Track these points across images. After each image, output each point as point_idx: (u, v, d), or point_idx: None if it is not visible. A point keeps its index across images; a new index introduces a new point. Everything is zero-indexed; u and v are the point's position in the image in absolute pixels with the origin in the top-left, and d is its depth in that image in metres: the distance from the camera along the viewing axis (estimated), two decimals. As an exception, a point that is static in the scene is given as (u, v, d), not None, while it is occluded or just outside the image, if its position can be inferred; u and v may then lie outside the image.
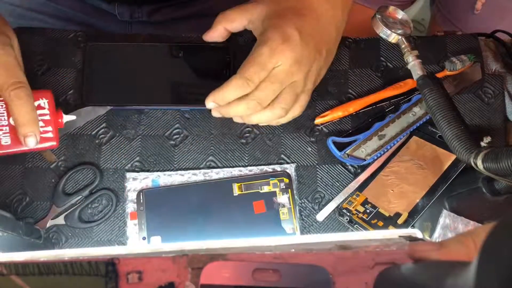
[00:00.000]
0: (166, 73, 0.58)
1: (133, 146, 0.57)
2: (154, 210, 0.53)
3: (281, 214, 0.54)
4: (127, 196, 0.54)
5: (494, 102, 0.58)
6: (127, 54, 0.58)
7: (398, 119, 0.56)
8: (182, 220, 0.53)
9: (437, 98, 0.48)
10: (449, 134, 0.46)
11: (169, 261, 0.26)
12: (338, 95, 0.59)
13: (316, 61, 0.51)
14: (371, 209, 0.53)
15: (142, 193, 0.54)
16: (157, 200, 0.54)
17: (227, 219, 0.53)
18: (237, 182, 0.55)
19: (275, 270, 0.26)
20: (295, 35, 0.48)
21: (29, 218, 0.54)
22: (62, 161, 0.56)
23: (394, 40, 0.52)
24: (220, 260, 0.26)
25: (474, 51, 0.59)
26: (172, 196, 0.54)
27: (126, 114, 0.57)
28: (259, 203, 0.54)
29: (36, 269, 0.25)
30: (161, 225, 0.53)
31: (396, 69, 0.60)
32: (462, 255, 0.24)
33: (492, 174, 0.42)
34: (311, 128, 0.58)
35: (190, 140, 0.57)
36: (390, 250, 0.26)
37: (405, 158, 0.55)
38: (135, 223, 0.53)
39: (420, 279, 0.24)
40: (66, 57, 0.59)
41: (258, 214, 0.53)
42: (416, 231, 0.27)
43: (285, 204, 0.54)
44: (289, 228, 0.53)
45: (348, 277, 0.26)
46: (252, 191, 0.54)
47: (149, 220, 0.53)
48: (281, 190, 0.54)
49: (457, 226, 0.50)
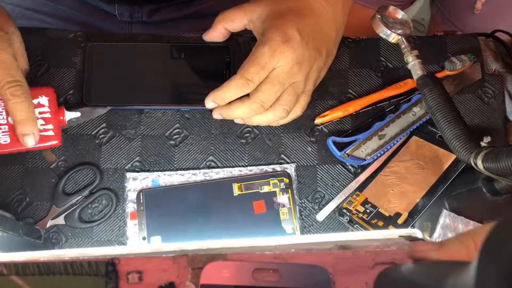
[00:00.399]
0: (166, 73, 0.58)
1: (133, 146, 0.57)
2: (154, 210, 0.53)
3: (281, 214, 0.54)
4: (127, 196, 0.54)
5: (494, 102, 0.58)
6: (127, 54, 0.58)
7: (398, 119, 0.56)
8: (182, 220, 0.53)
9: (437, 98, 0.48)
10: (449, 134, 0.46)
11: (169, 261, 0.26)
12: (338, 95, 0.59)
13: (317, 61, 0.51)
14: (371, 209, 0.53)
15: (142, 193, 0.54)
16: (157, 200, 0.54)
17: (227, 219, 0.53)
18: (237, 182, 0.54)
19: (275, 270, 0.26)
20: (295, 36, 0.48)
21: (29, 218, 0.54)
22: (62, 161, 0.56)
23: (394, 40, 0.52)
24: (220, 260, 0.26)
25: (474, 51, 0.59)
26: (172, 196, 0.54)
27: (126, 114, 0.57)
28: (259, 203, 0.54)
29: (36, 269, 0.25)
30: (161, 225, 0.53)
31: (396, 69, 0.60)
32: (462, 255, 0.24)
33: (492, 174, 0.42)
34: (311, 128, 0.58)
35: (190, 140, 0.57)
36: (390, 250, 0.26)
37: (405, 158, 0.55)
38: (135, 223, 0.53)
39: (420, 279, 0.24)
40: (66, 57, 0.59)
41: (258, 214, 0.53)
42: (416, 231, 0.27)
43: (285, 204, 0.54)
44: (289, 228, 0.53)
45: (348, 277, 0.26)
46: (252, 191, 0.54)
47: (149, 220, 0.53)
48: (281, 190, 0.54)
49: (457, 226, 0.50)
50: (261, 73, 0.48)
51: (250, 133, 0.57)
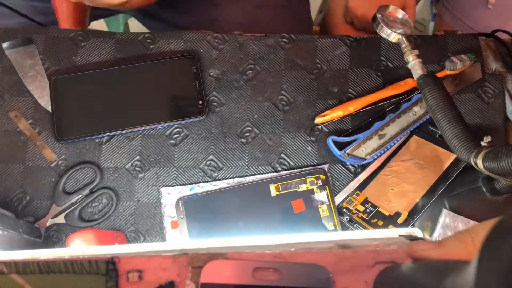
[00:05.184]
0: (137, 94, 0.57)
1: (133, 145, 0.57)
2: (194, 217, 0.53)
3: (321, 212, 0.53)
4: (164, 212, 0.54)
5: (494, 101, 0.58)
6: (92, 82, 0.57)
7: (398, 118, 0.56)
8: (223, 225, 0.53)
9: (437, 98, 0.48)
10: (449, 134, 0.46)
11: (170, 260, 0.26)
12: (338, 94, 0.59)
13: None
14: (371, 208, 0.53)
15: (181, 201, 0.54)
16: (196, 206, 0.53)
17: (268, 220, 0.53)
18: (274, 182, 0.54)
19: (275, 269, 0.26)
20: None
21: (29, 217, 0.54)
22: (62, 160, 0.56)
23: (395, 39, 0.52)
24: (220, 259, 0.26)
25: (474, 50, 0.59)
26: (210, 201, 0.54)
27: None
28: (298, 202, 0.53)
29: (37, 267, 0.25)
30: (203, 231, 0.53)
31: (396, 69, 0.60)
32: (461, 253, 0.24)
33: (492, 173, 0.42)
34: (311, 127, 0.58)
35: (190, 140, 0.57)
36: (390, 249, 0.26)
37: (405, 157, 0.55)
38: (176, 232, 0.53)
39: (420, 278, 0.24)
40: (66, 57, 0.59)
41: (298, 213, 0.53)
42: (416, 230, 0.27)
43: (324, 201, 0.54)
44: (330, 224, 0.53)
45: (348, 276, 0.26)
46: (290, 191, 0.54)
47: (190, 227, 0.53)
48: (318, 188, 0.54)
49: (457, 225, 0.50)
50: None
51: (250, 132, 0.57)
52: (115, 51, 0.60)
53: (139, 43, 0.60)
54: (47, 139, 0.56)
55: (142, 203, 0.55)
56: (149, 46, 0.60)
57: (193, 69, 0.57)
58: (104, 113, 0.56)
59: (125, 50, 0.60)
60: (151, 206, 0.55)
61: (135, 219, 0.55)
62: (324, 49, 0.60)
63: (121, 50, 0.60)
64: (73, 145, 0.56)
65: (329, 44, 0.61)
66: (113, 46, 0.60)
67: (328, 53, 0.60)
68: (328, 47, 0.60)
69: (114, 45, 0.60)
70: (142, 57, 0.59)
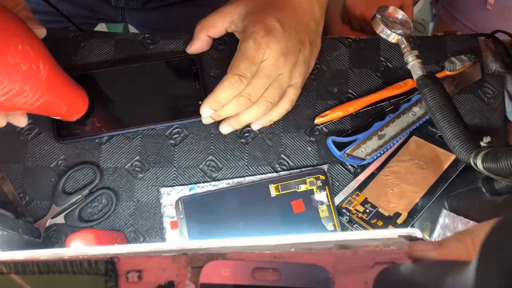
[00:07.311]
0: (137, 94, 0.57)
1: (133, 145, 0.57)
2: (194, 217, 0.53)
3: (321, 212, 0.53)
4: (164, 212, 0.54)
5: (493, 102, 0.58)
6: (92, 82, 0.57)
7: (398, 119, 0.56)
8: (222, 225, 0.53)
9: (437, 98, 0.48)
10: (448, 134, 0.46)
11: (169, 260, 0.26)
12: (338, 95, 0.59)
13: (301, 52, 0.51)
14: (370, 208, 0.53)
15: (181, 201, 0.53)
16: (196, 207, 0.53)
17: (267, 220, 0.53)
18: (273, 183, 0.54)
19: (274, 269, 0.26)
20: (277, 27, 0.49)
21: (29, 217, 0.54)
22: (62, 160, 0.56)
23: (394, 40, 0.52)
24: (220, 259, 0.26)
25: (474, 51, 0.59)
26: (210, 201, 0.54)
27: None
28: (298, 202, 0.53)
29: (36, 268, 0.25)
30: (202, 232, 0.52)
31: (396, 69, 0.60)
32: (461, 253, 0.24)
33: (492, 174, 0.42)
34: (311, 127, 0.58)
35: (190, 140, 0.57)
36: (389, 249, 0.26)
37: (405, 158, 0.55)
38: (176, 232, 0.53)
39: (419, 278, 0.24)
40: (66, 57, 0.59)
41: (297, 213, 0.53)
42: (416, 231, 0.27)
43: (323, 201, 0.54)
44: (330, 225, 0.53)
45: (348, 277, 0.26)
46: (290, 191, 0.54)
47: (190, 227, 0.53)
48: (318, 188, 0.54)
49: (456, 226, 0.50)
50: (251, 67, 0.48)
51: (250, 132, 0.57)
52: (115, 51, 0.60)
53: (139, 43, 0.60)
54: (47, 139, 0.56)
55: (142, 203, 0.55)
56: (149, 46, 0.60)
57: (193, 69, 0.57)
58: (104, 113, 0.56)
59: (125, 50, 0.60)
60: (150, 206, 0.55)
61: (135, 219, 0.55)
62: (323, 50, 0.60)
63: (121, 50, 0.60)
64: (73, 145, 0.56)
65: (328, 45, 0.61)
66: (113, 46, 0.60)
67: (327, 54, 0.60)
68: (327, 48, 0.60)
69: (114, 45, 0.60)
70: (142, 57, 0.59)
